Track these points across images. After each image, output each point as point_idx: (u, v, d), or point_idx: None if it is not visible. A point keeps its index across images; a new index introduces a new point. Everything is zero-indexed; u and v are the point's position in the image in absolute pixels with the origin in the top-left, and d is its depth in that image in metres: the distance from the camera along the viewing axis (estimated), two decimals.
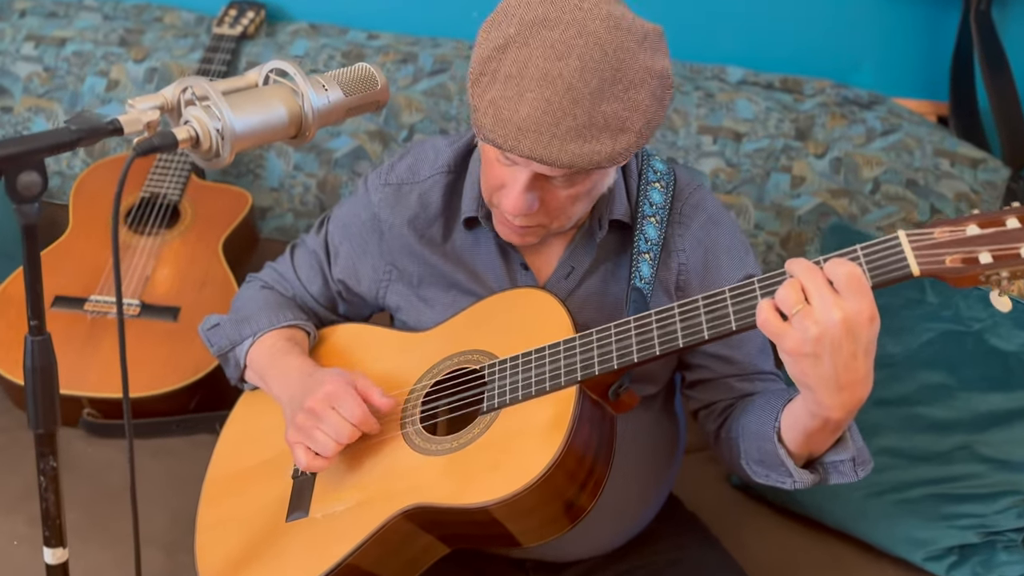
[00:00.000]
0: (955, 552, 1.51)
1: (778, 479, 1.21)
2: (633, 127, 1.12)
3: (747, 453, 1.24)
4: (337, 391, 1.23)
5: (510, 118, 1.10)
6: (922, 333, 1.63)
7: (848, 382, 1.02)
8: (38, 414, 1.02)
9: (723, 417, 1.33)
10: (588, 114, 1.09)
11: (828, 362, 1.00)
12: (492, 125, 1.12)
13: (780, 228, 2.04)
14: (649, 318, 1.15)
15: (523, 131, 1.10)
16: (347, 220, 1.44)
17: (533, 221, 1.22)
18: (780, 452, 1.16)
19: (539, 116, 1.09)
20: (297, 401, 1.26)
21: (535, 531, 1.17)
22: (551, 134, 1.09)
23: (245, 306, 1.47)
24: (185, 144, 1.03)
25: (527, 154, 1.10)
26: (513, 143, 1.11)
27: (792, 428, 1.14)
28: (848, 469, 1.16)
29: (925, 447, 1.57)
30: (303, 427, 1.23)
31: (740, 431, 1.25)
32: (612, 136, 1.11)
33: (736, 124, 2.12)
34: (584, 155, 1.10)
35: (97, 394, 1.71)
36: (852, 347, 1.00)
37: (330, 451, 1.21)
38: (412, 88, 2.24)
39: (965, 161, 2.09)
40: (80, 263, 1.88)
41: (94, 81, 2.24)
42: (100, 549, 1.52)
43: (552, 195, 1.19)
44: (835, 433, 1.12)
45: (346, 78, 1.15)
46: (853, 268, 0.99)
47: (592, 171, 1.17)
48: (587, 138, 1.10)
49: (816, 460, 1.18)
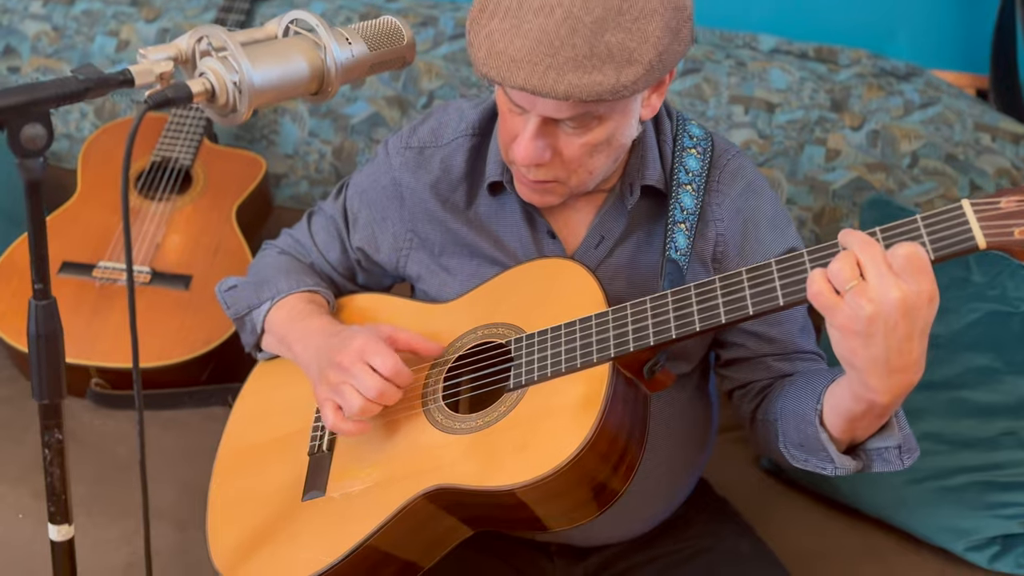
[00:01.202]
0: (998, 542, 1.46)
1: (818, 464, 1.15)
2: (642, 59, 1.05)
3: (786, 436, 1.18)
4: (369, 345, 1.17)
5: (504, 50, 1.06)
6: (967, 314, 1.57)
7: (899, 366, 0.96)
8: (42, 384, 0.97)
9: (760, 398, 1.27)
10: (589, 44, 1.04)
11: (880, 343, 0.94)
12: (485, 58, 1.07)
13: (814, 203, 1.96)
14: (688, 292, 1.09)
15: (517, 62, 1.05)
16: (366, 186, 1.38)
17: (549, 175, 1.16)
18: (822, 436, 1.10)
19: (534, 46, 1.04)
20: (324, 358, 1.20)
21: (564, 515, 1.12)
22: (547, 64, 1.04)
23: (263, 271, 1.42)
24: (200, 97, 0.97)
25: (520, 84, 1.05)
26: (506, 74, 1.05)
27: (835, 411, 1.08)
28: (894, 457, 1.10)
29: (969, 432, 1.52)
30: (333, 382, 1.17)
31: (779, 413, 1.19)
32: (616, 68, 1.05)
33: (769, 94, 2.05)
34: (584, 86, 1.04)
35: (105, 364, 1.66)
36: (908, 328, 0.93)
37: (356, 408, 1.14)
38: (432, 53, 2.17)
39: (1006, 136, 2.01)
40: (88, 228, 1.82)
41: (104, 41, 2.17)
42: (107, 524, 1.48)
43: (566, 143, 1.13)
44: (881, 419, 1.06)
45: (371, 31, 1.09)
46: (915, 248, 0.93)
47: (605, 115, 1.10)
48: (587, 69, 1.04)
49: (859, 446, 1.12)
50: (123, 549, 1.45)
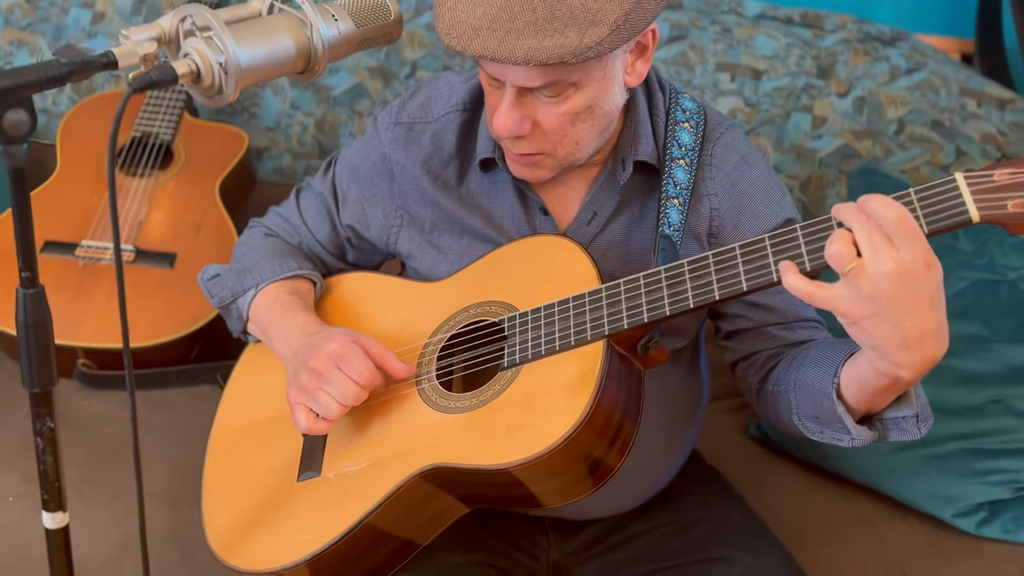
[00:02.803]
0: (985, 508, 1.47)
1: (834, 436, 1.14)
2: (606, 19, 1.04)
3: (800, 408, 1.17)
4: (343, 350, 1.16)
5: (465, 19, 1.05)
6: (955, 283, 1.58)
7: (916, 339, 0.94)
8: (33, 372, 0.96)
9: (766, 368, 1.26)
10: (549, 8, 1.03)
11: (888, 318, 0.93)
12: (447, 28, 1.07)
13: (800, 171, 1.96)
14: (681, 268, 1.08)
15: (476, 30, 1.05)
16: (355, 162, 1.36)
17: (534, 147, 1.15)
18: (839, 409, 1.09)
19: (495, 13, 1.04)
20: (300, 360, 1.19)
21: (559, 492, 1.12)
22: (506, 30, 1.04)
23: (247, 255, 1.40)
24: (185, 79, 0.95)
25: (480, 52, 1.05)
26: (466, 43, 1.05)
27: (854, 385, 1.07)
28: (911, 426, 1.09)
29: (957, 401, 1.53)
30: (306, 388, 1.16)
31: (792, 385, 1.18)
32: (580, 29, 1.04)
33: (755, 61, 2.03)
34: (544, 49, 1.03)
35: (92, 344, 1.65)
36: (913, 299, 0.92)
37: (333, 414, 1.15)
38: (414, 22, 2.14)
39: (992, 101, 2.01)
40: (70, 206, 1.80)
41: (79, 13, 2.13)
42: (99, 507, 1.47)
43: (544, 113, 1.12)
44: (901, 392, 1.05)
45: (357, 7, 1.07)
46: (900, 210, 0.92)
47: (581, 81, 1.10)
48: (548, 32, 1.03)
49: (875, 416, 1.11)
50: (116, 531, 1.44)
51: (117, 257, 0.91)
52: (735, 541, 1.29)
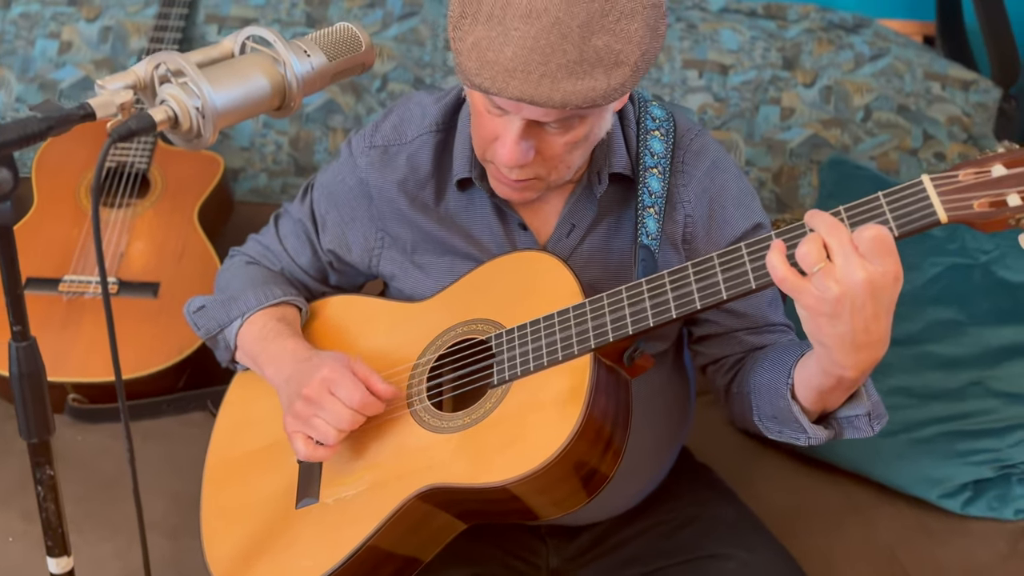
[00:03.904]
0: (969, 488, 1.50)
1: (792, 435, 1.18)
2: (628, 60, 1.06)
3: (760, 409, 1.21)
4: (334, 376, 1.17)
5: (496, 59, 1.04)
6: (928, 269, 1.60)
7: (865, 342, 0.98)
8: (29, 423, 0.97)
9: (733, 372, 1.29)
10: (579, 49, 1.03)
11: (847, 322, 0.96)
12: (477, 69, 1.05)
13: (772, 163, 1.99)
14: (662, 279, 1.11)
15: (511, 72, 1.04)
16: (332, 187, 1.37)
17: (530, 173, 1.16)
18: (794, 409, 1.13)
19: (527, 55, 1.03)
20: (293, 387, 1.21)
21: (556, 505, 1.14)
22: (541, 73, 1.03)
23: (230, 284, 1.41)
24: (164, 126, 0.96)
25: (517, 96, 1.04)
26: (501, 85, 1.04)
27: (805, 385, 1.11)
28: (863, 424, 1.13)
29: (937, 385, 1.56)
30: (301, 415, 1.18)
31: (752, 387, 1.22)
32: (606, 71, 1.05)
33: (721, 56, 2.06)
34: (579, 93, 1.04)
35: (81, 379, 1.65)
36: (874, 308, 0.96)
37: (331, 439, 1.17)
38: (382, 34, 2.15)
39: (955, 83, 2.04)
40: (50, 242, 1.80)
41: (45, 44, 2.12)
42: (99, 541, 1.48)
43: (548, 143, 1.13)
44: (850, 390, 1.09)
45: (328, 40, 1.08)
46: (880, 230, 0.94)
47: (588, 114, 1.11)
48: (580, 75, 1.04)
49: (830, 415, 1.15)
50: (119, 564, 1.44)
51: (104, 292, 0.92)
52: (729, 537, 1.32)
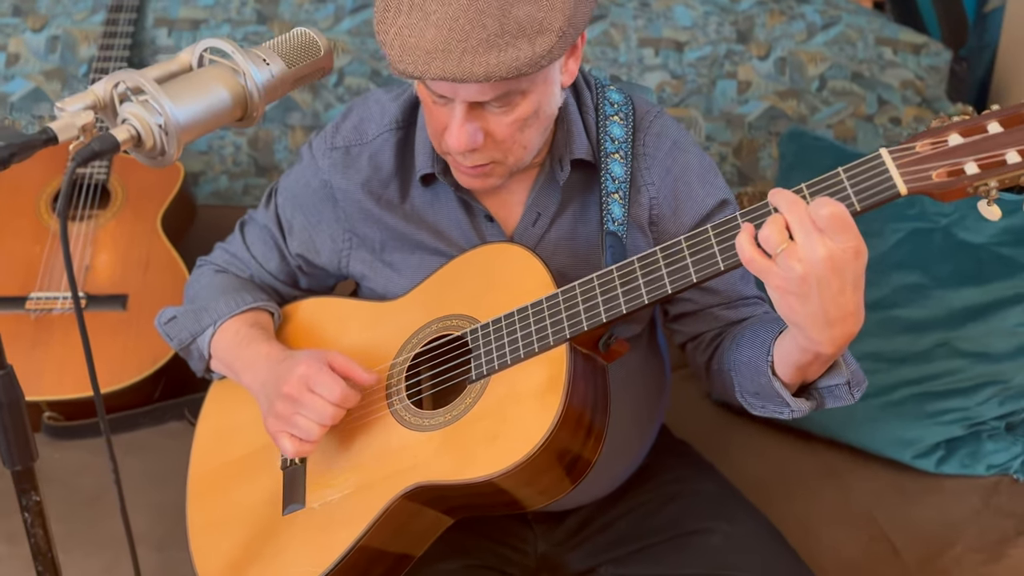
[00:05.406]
0: (942, 447, 1.54)
1: (775, 410, 1.20)
2: (552, 27, 1.07)
3: (741, 387, 1.22)
4: (311, 372, 1.18)
5: (417, 43, 1.06)
6: (890, 235, 1.63)
7: (837, 317, 1.00)
8: (12, 451, 0.96)
9: (712, 348, 1.31)
10: (499, 22, 1.05)
11: (815, 299, 0.98)
12: (400, 55, 1.08)
13: (732, 137, 2.00)
14: (632, 266, 1.12)
15: (431, 54, 1.06)
16: (296, 190, 1.37)
17: (486, 158, 1.17)
18: (775, 385, 1.15)
19: (447, 35, 1.05)
20: (271, 389, 1.21)
21: (541, 494, 1.15)
22: (462, 50, 1.05)
23: (200, 294, 1.40)
24: (127, 145, 0.95)
25: (440, 75, 1.06)
26: (424, 68, 1.06)
27: (784, 361, 1.12)
28: (843, 392, 1.15)
29: (905, 348, 1.59)
30: (283, 415, 1.18)
31: (732, 365, 1.23)
32: (530, 40, 1.06)
33: (676, 33, 2.07)
34: (503, 64, 1.06)
35: (56, 396, 1.64)
36: (839, 283, 0.97)
37: (315, 436, 1.17)
38: (335, 29, 2.13)
39: (907, 48, 2.07)
40: (12, 260, 1.78)
41: None
42: (85, 557, 1.47)
43: (494, 123, 1.15)
44: (828, 363, 1.11)
45: (286, 47, 1.07)
46: (836, 207, 0.95)
47: (528, 89, 1.12)
48: (501, 47, 1.05)
49: (811, 386, 1.17)
50: None
51: (77, 308, 0.91)
52: (711, 511, 1.34)
